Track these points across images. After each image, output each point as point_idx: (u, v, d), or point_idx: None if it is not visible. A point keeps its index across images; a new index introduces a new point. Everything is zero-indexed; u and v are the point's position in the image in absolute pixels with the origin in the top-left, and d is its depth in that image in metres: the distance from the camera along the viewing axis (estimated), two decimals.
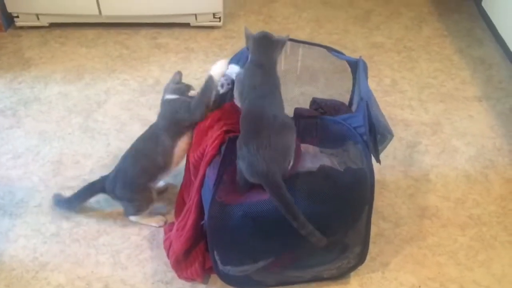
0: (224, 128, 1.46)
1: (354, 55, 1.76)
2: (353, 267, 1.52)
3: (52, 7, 2.54)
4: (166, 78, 2.33)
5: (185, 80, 2.31)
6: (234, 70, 1.58)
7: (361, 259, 1.50)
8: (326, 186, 1.35)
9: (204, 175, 1.44)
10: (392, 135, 1.51)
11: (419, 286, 1.52)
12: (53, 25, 2.64)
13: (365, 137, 1.40)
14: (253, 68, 1.48)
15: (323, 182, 1.35)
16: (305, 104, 1.81)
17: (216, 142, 1.44)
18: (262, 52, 1.51)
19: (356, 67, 1.64)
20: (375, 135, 1.42)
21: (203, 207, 1.45)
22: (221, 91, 1.58)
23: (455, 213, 1.74)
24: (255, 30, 2.58)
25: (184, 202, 1.58)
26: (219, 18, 2.62)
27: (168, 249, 1.53)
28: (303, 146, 1.44)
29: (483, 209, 1.75)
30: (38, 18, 2.61)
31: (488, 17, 2.54)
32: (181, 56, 2.48)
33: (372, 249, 1.60)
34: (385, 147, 1.54)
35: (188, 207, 1.51)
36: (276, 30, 2.64)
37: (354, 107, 1.67)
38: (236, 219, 1.34)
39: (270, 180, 1.28)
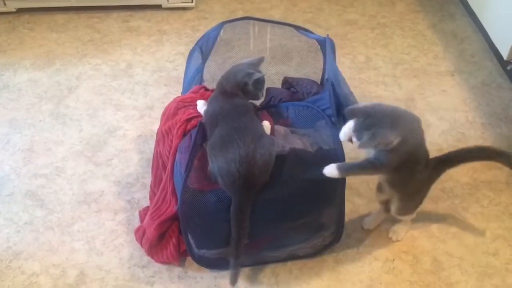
0: (186, 117, 1.46)
1: (328, 33, 1.75)
2: (328, 245, 1.53)
3: None
4: (138, 61, 2.31)
5: (158, 62, 2.29)
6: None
7: (336, 237, 1.51)
8: (297, 169, 1.34)
9: (173, 163, 1.43)
10: None
11: (393, 260, 1.55)
12: (21, 10, 2.57)
13: (333, 119, 1.40)
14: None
15: (294, 165, 1.35)
16: (279, 83, 1.80)
17: (179, 132, 1.45)
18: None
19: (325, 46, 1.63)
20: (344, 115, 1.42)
21: None
22: None
23: None
24: (230, 10, 2.58)
25: (155, 194, 1.57)
26: None
27: (140, 239, 1.52)
28: (275, 128, 1.44)
29: (456, 181, 1.78)
30: (4, 4, 2.53)
31: None
32: (153, 39, 2.44)
33: (347, 225, 1.60)
34: None
35: (162, 196, 1.50)
36: (250, 10, 2.61)
37: None
38: (209, 204, 1.34)
39: (240, 208, 1.30)
